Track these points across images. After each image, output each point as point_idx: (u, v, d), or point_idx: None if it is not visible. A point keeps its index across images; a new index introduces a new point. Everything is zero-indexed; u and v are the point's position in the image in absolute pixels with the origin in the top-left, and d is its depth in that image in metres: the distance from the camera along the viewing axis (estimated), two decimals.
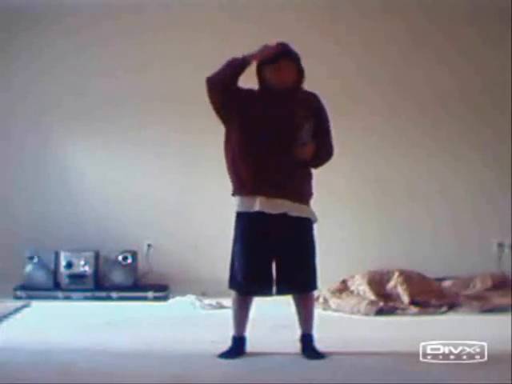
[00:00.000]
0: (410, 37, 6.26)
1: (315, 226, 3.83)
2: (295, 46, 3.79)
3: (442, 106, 6.22)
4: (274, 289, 3.75)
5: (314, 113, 3.77)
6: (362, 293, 5.47)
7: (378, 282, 5.55)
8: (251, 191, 3.68)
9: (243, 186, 3.72)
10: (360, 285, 5.55)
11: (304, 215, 3.72)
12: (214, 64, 6.11)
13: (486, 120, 6.22)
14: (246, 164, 3.70)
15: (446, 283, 5.74)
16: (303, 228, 3.74)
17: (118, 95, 6.22)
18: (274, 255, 3.70)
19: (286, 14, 6.15)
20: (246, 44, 3.71)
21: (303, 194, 3.76)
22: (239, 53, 3.71)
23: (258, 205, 3.65)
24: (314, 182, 3.86)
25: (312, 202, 3.85)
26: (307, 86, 3.85)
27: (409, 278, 5.52)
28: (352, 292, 5.54)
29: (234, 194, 3.78)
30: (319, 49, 6.01)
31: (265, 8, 6.11)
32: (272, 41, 3.76)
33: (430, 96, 6.23)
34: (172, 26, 6.21)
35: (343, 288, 5.59)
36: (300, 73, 3.75)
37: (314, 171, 3.87)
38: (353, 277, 5.67)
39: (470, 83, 6.21)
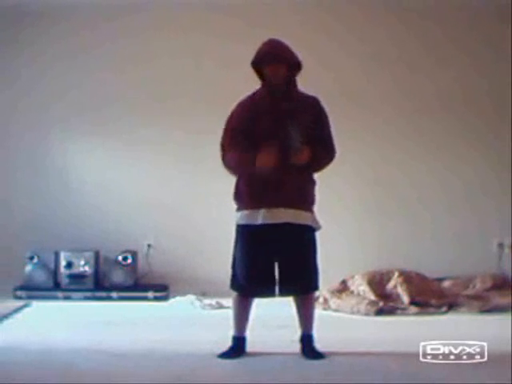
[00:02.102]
0: (411, 38, 6.26)
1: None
2: (293, 45, 3.77)
3: (443, 106, 6.22)
4: (276, 290, 3.75)
5: (311, 116, 3.74)
6: (361, 293, 5.47)
7: (378, 282, 5.55)
8: (254, 204, 3.68)
9: (245, 199, 3.73)
10: (360, 285, 5.55)
11: (306, 222, 3.72)
12: (213, 62, 6.16)
13: (486, 120, 6.22)
14: (248, 177, 3.72)
15: (446, 283, 5.74)
16: (304, 235, 3.74)
17: (117, 95, 6.22)
18: (275, 257, 3.70)
19: (286, 13, 6.15)
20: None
21: (306, 202, 3.76)
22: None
23: (261, 218, 3.66)
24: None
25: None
26: (308, 87, 3.84)
27: (409, 278, 5.52)
28: (352, 292, 5.54)
29: (238, 209, 3.79)
30: (319, 49, 6.02)
31: (265, 8, 6.12)
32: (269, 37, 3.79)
33: (431, 97, 6.22)
34: (171, 26, 6.22)
35: (343, 288, 5.60)
36: (291, 69, 3.74)
37: (315, 174, 3.86)
38: (353, 277, 5.67)
39: (472, 83, 6.21)
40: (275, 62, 3.70)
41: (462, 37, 6.23)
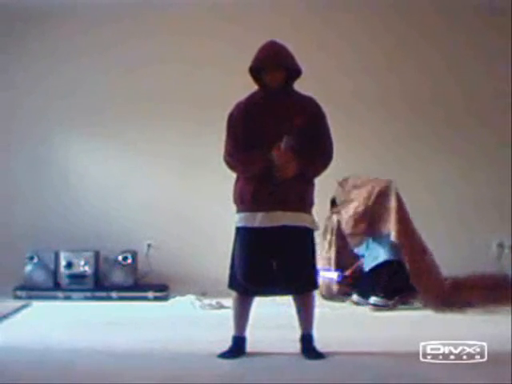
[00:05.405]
0: (413, 41, 6.29)
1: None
2: (290, 48, 3.77)
3: (444, 108, 6.25)
4: (274, 289, 3.76)
5: (307, 118, 3.71)
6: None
7: None
8: (252, 207, 3.68)
9: (243, 202, 3.73)
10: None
11: (304, 224, 3.72)
12: (212, 66, 6.16)
13: (486, 122, 6.23)
14: (247, 180, 3.72)
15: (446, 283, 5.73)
16: (302, 235, 3.73)
17: (119, 96, 6.23)
18: (274, 257, 3.70)
19: (283, 16, 6.16)
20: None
21: (304, 204, 3.75)
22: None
23: (258, 220, 3.66)
24: None
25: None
26: (306, 88, 3.83)
27: None
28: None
29: (237, 212, 3.79)
30: (319, 51, 6.02)
31: (263, 11, 6.12)
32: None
33: (432, 99, 6.25)
34: (171, 31, 6.24)
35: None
36: (291, 75, 3.74)
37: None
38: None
39: (473, 86, 6.24)
40: (274, 69, 3.68)
41: (468, 42, 6.25)
